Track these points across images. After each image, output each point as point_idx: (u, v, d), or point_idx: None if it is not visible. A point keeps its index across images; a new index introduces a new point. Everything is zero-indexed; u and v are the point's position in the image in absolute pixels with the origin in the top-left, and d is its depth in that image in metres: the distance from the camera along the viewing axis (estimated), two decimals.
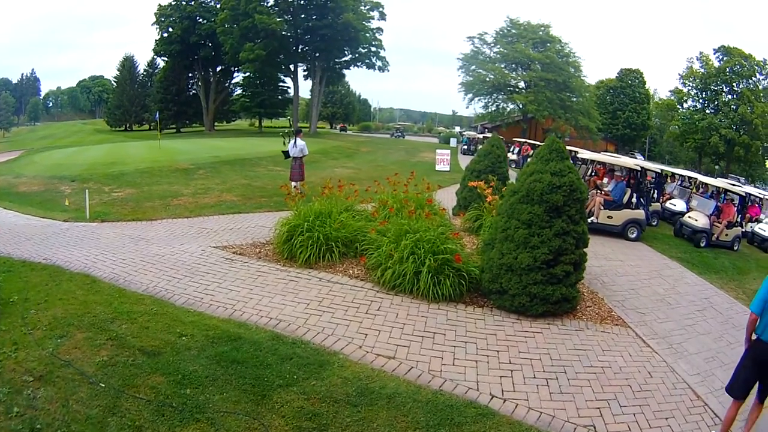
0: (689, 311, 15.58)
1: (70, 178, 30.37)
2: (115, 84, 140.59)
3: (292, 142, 25.42)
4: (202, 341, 10.22)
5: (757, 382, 9.01)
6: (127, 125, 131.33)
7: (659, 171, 30.52)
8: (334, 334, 11.18)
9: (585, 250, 13.74)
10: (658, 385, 10.79)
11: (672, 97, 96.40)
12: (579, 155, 34.70)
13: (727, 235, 25.57)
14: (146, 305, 11.84)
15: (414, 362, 10.37)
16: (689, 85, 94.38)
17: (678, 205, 29.91)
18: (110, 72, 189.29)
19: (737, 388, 9.08)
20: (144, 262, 14.99)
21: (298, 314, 11.97)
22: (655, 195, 29.85)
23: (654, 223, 27.51)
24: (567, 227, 12.99)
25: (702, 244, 24.35)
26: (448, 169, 44.32)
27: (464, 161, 48.62)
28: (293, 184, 24.54)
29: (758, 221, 31.93)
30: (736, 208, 27.31)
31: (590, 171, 32.64)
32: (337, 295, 13.19)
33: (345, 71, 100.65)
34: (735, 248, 25.98)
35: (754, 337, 9.01)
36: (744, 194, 29.33)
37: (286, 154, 26.04)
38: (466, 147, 71.32)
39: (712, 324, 14.92)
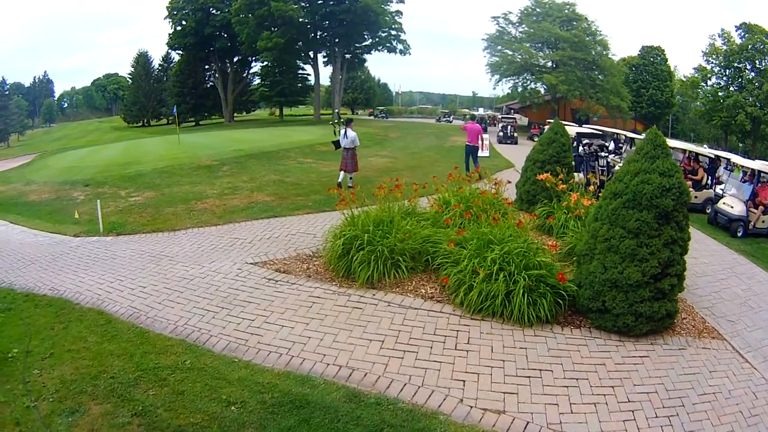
0: None
1: (83, 182, 28.29)
2: (130, 80, 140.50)
3: (343, 132, 24.86)
4: (258, 411, 8.08)
5: None
6: (145, 121, 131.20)
7: (713, 156, 28.76)
8: (426, 385, 9.14)
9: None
10: (765, 407, 9.96)
11: (696, 75, 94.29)
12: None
13: (764, 221, 23.10)
14: (177, 355, 9.69)
15: (528, 414, 8.71)
16: (712, 62, 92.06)
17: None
18: (124, 69, 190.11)
19: None
20: (169, 290, 12.59)
21: (373, 357, 9.87)
22: (709, 181, 27.66)
23: (708, 210, 25.20)
24: (676, 235, 11.44)
25: (739, 234, 22.51)
26: (488, 154, 42.11)
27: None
28: (344, 175, 24.55)
29: None
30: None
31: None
32: (414, 325, 10.98)
33: (366, 56, 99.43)
34: (707, 211, 24.35)
35: None
36: (713, 157, 27.84)
37: (337, 144, 25.62)
38: (502, 134, 63.29)
39: None
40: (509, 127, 61.49)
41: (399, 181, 16.15)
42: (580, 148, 28.80)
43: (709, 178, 27.25)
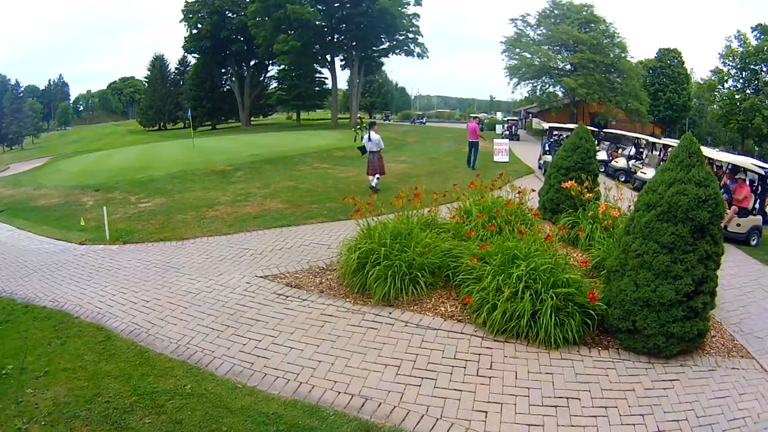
0: None
1: (93, 187, 28.03)
2: (146, 84, 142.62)
3: (367, 136, 25.13)
4: None
5: None
6: (161, 124, 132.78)
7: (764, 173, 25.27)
8: (445, 417, 8.52)
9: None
10: None
11: (713, 77, 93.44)
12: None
13: (739, 225, 21.85)
14: (177, 379, 9.17)
15: None
16: (729, 65, 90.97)
17: None
18: (141, 73, 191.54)
19: None
20: (173, 305, 12.09)
21: (388, 385, 9.21)
22: (758, 204, 24.32)
23: (754, 243, 23.07)
24: (710, 250, 10.85)
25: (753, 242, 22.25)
26: (507, 159, 41.82)
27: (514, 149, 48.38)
28: (371, 178, 25.15)
29: None
30: (752, 190, 22.89)
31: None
32: (433, 348, 10.34)
33: (383, 59, 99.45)
34: (753, 243, 21.99)
35: None
36: (764, 173, 23.84)
37: (363, 149, 25.97)
38: (507, 133, 70.33)
39: None
40: (512, 126, 72.94)
41: (418, 189, 15.57)
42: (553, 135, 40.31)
43: (757, 200, 23.66)
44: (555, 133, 41.23)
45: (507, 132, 70.45)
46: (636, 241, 11.08)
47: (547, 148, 38.67)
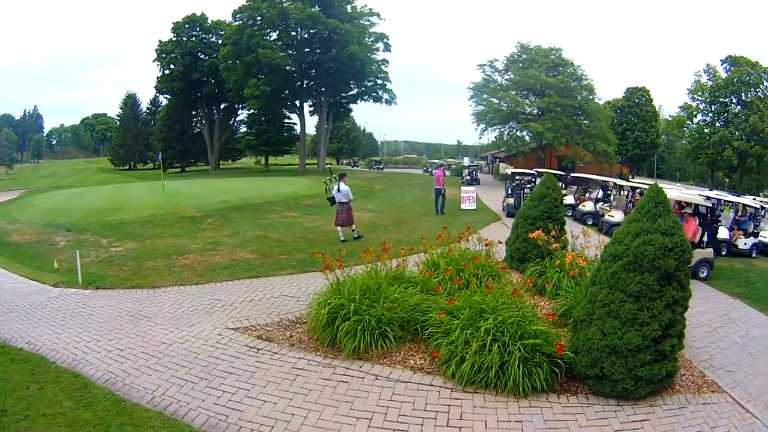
0: None
1: (66, 226, 28.23)
2: (118, 122, 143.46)
3: (336, 186, 25.85)
4: None
5: None
6: (131, 164, 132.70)
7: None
8: None
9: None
10: None
11: (682, 113, 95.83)
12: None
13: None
14: (155, 429, 9.39)
15: None
16: (698, 99, 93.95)
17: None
18: (114, 110, 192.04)
19: None
20: (147, 355, 12.16)
21: None
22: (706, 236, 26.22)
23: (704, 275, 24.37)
24: (677, 295, 11.10)
25: (723, 253, 26.27)
26: (474, 207, 42.44)
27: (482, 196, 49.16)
28: (340, 229, 25.66)
29: None
30: (699, 224, 23.90)
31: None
32: (404, 400, 10.48)
33: (352, 105, 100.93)
34: (702, 275, 22.57)
35: None
36: (712, 205, 25.62)
37: (332, 200, 26.47)
38: (468, 178, 71.88)
39: None
40: (473, 171, 75.15)
41: (386, 244, 15.78)
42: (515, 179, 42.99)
43: (705, 233, 25.50)
44: (517, 177, 43.90)
45: (468, 177, 71.97)
46: (603, 291, 11.31)
47: (509, 191, 41.09)
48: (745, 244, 28.63)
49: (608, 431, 9.97)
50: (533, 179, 44.71)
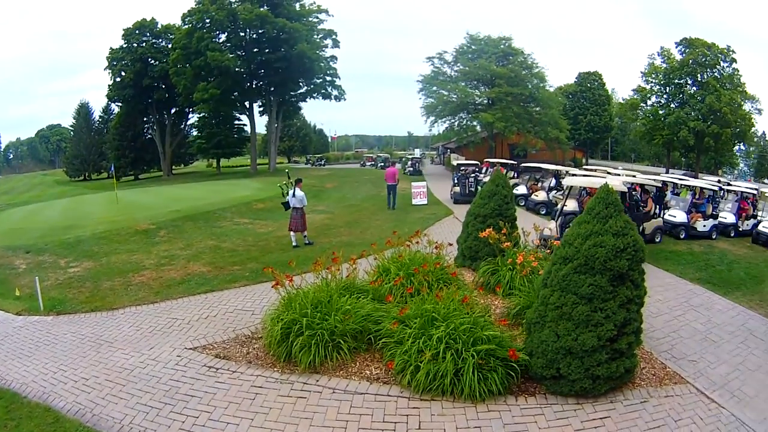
0: (733, 346, 14.85)
1: (24, 248, 27.77)
2: (72, 132, 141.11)
3: (291, 192, 25.92)
4: None
5: None
6: (86, 174, 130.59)
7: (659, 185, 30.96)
8: None
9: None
10: None
11: (635, 96, 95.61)
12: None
13: (644, 228, 26.23)
14: None
15: None
16: (652, 82, 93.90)
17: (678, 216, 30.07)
18: (68, 120, 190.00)
19: None
20: (111, 383, 12.20)
21: None
22: (657, 209, 29.01)
23: (658, 240, 27.41)
24: (631, 294, 11.14)
25: (682, 236, 28.72)
26: (425, 202, 42.92)
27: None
28: (293, 234, 26.04)
29: (755, 218, 33.15)
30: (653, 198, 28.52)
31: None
32: (362, 413, 10.64)
33: (301, 103, 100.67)
34: (657, 240, 27.04)
35: None
36: (661, 185, 30.35)
37: (286, 205, 26.60)
38: (411, 169, 77.11)
39: (759, 355, 14.42)
40: (415, 164, 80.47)
41: (336, 254, 15.70)
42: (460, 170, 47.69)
43: (657, 207, 28.60)
44: (462, 168, 48.60)
45: (411, 169, 77.74)
46: (554, 294, 11.39)
47: (456, 181, 46.07)
48: (704, 226, 29.40)
49: (569, 431, 10.10)
50: (477, 169, 49.76)
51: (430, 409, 10.66)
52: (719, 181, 43.20)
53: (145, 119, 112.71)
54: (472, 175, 45.85)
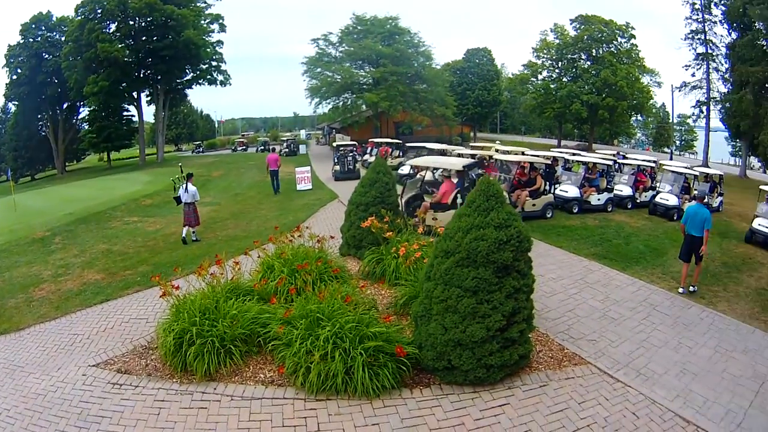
0: (636, 323, 15.24)
1: None
2: None
3: (183, 187, 26.17)
4: None
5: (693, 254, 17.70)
6: None
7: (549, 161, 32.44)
8: None
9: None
10: (649, 424, 10.57)
11: (525, 71, 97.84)
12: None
13: (534, 205, 27.85)
14: None
15: None
16: (543, 57, 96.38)
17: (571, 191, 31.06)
18: None
19: (682, 256, 18.45)
20: (29, 411, 12.14)
21: None
22: (548, 186, 29.89)
23: (549, 215, 28.48)
24: (518, 284, 11.58)
25: (575, 210, 30.19)
26: (310, 187, 43.70)
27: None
28: (185, 229, 26.54)
29: (653, 190, 34.31)
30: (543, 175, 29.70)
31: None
32: (261, 418, 11.01)
33: (188, 90, 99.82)
34: (548, 216, 28.45)
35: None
36: (550, 162, 32.20)
37: (178, 200, 26.76)
38: (287, 150, 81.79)
39: (664, 330, 14.85)
40: (291, 144, 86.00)
41: (219, 256, 16.29)
42: (339, 151, 53.09)
43: (547, 183, 29.58)
44: (341, 148, 54.42)
45: (287, 150, 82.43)
46: (438, 288, 11.68)
47: (336, 160, 51.48)
48: (599, 199, 30.75)
49: (468, 421, 10.48)
50: (354, 149, 55.68)
51: (327, 410, 10.99)
52: (616, 153, 45.23)
53: (39, 117, 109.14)
54: (351, 154, 51.87)
